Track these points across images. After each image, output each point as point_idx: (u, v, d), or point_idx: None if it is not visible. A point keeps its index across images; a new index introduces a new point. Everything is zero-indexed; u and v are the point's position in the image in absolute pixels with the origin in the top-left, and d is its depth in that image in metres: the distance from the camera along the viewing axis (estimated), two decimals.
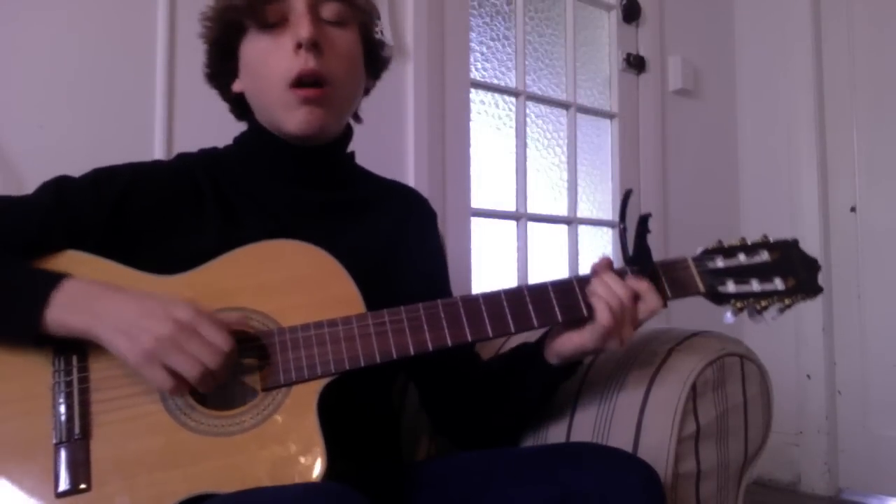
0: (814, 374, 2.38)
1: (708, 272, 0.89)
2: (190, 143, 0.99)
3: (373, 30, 0.98)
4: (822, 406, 2.35)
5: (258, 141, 0.96)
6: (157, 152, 1.40)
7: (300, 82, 0.88)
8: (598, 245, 2.32)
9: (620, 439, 0.93)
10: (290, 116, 0.90)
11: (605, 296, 0.83)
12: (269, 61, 0.89)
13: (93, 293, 0.75)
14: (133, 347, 0.72)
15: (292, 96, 0.88)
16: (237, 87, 0.96)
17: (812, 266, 0.91)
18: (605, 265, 0.87)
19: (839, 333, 2.39)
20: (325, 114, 0.91)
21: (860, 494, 2.29)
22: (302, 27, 0.87)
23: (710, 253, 0.90)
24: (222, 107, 1.01)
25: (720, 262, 0.89)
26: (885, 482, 2.25)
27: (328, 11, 0.90)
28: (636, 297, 0.84)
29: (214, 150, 0.99)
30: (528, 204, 2.10)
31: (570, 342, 0.87)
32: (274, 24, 0.89)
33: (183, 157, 0.97)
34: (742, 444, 0.98)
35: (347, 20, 0.92)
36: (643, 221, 0.88)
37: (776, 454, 2.35)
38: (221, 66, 0.96)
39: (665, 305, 0.88)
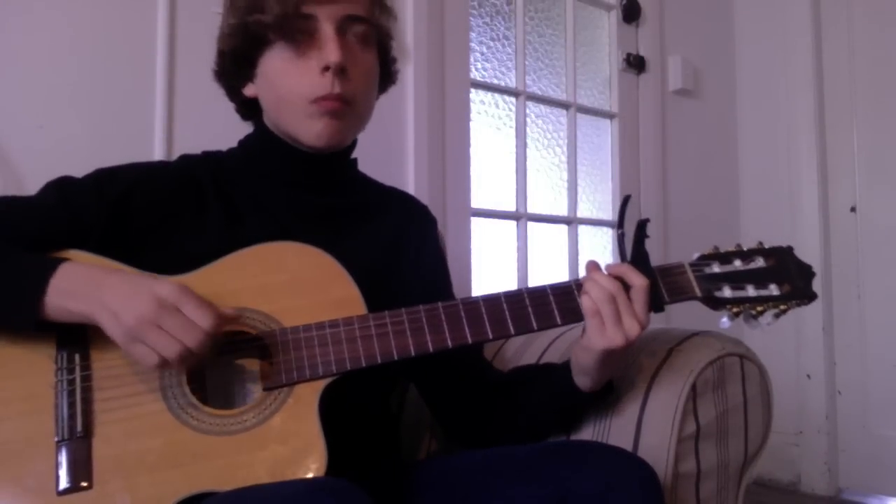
0: (814, 374, 2.38)
1: (704, 277, 0.89)
2: (190, 143, 0.99)
3: (390, 49, 0.99)
4: (822, 406, 2.35)
5: (265, 144, 0.96)
6: (157, 152, 1.40)
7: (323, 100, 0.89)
8: (598, 245, 2.32)
9: (620, 439, 0.93)
10: (310, 127, 0.90)
11: (588, 288, 0.84)
12: (293, 77, 0.89)
13: (91, 275, 0.76)
14: (117, 326, 0.72)
15: (314, 108, 0.88)
16: (249, 91, 0.95)
17: (807, 272, 0.92)
18: (591, 267, 0.87)
19: (839, 333, 2.39)
20: (344, 126, 0.91)
21: (860, 494, 2.29)
22: (331, 51, 0.86)
23: (706, 258, 0.91)
24: (223, 107, 1.00)
25: (716, 268, 0.90)
26: (885, 482, 2.26)
27: (354, 31, 0.90)
28: (626, 288, 0.84)
29: (218, 152, 0.99)
30: (528, 204, 2.10)
31: (579, 349, 0.87)
32: (300, 39, 0.88)
33: (186, 158, 0.97)
34: (742, 444, 0.98)
35: (371, 41, 0.93)
36: (641, 227, 0.89)
37: (776, 454, 2.35)
38: (234, 71, 0.94)
39: (662, 308, 0.88)
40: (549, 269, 2.15)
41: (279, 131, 0.94)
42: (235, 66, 0.94)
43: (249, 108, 0.97)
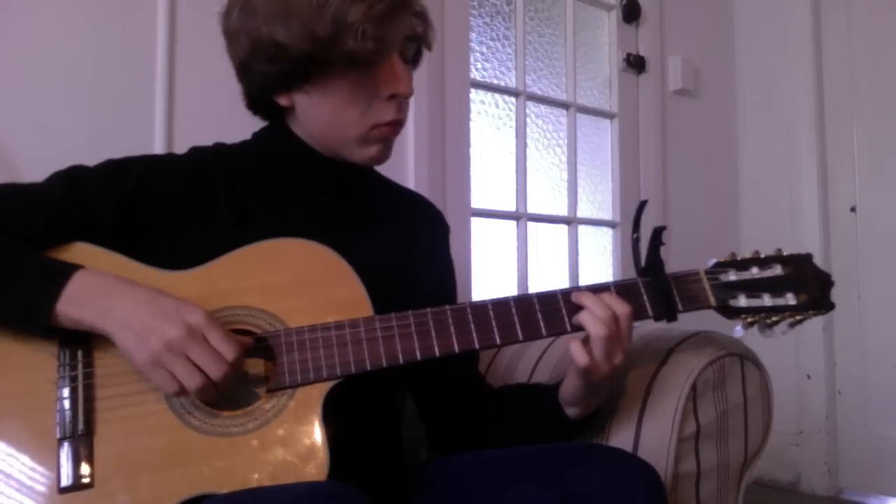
0: (814, 374, 2.38)
1: (720, 285, 0.88)
2: (190, 142, 0.98)
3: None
4: (822, 406, 2.35)
5: (284, 146, 0.93)
6: (157, 151, 1.40)
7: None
8: (598, 245, 2.32)
9: (621, 439, 0.93)
10: (364, 150, 0.91)
11: (591, 305, 0.83)
12: (359, 105, 0.87)
13: (105, 287, 0.75)
14: (141, 348, 0.72)
15: (374, 133, 0.89)
16: (284, 101, 0.89)
17: (825, 282, 0.90)
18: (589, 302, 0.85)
19: (839, 333, 2.39)
20: (392, 146, 0.93)
21: (860, 494, 2.29)
22: (404, 83, 0.87)
23: (722, 266, 0.89)
24: (222, 106, 1.00)
25: (732, 276, 0.88)
26: (885, 482, 2.26)
27: (409, 50, 0.90)
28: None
29: (230, 146, 0.97)
30: (528, 204, 2.10)
31: (568, 381, 0.88)
32: (372, 66, 0.86)
33: (197, 152, 0.94)
34: (742, 444, 0.98)
35: (417, 60, 0.93)
36: (657, 234, 0.88)
37: (776, 454, 2.35)
38: (273, 84, 0.88)
39: (675, 318, 0.87)
40: (549, 270, 2.15)
41: (313, 141, 0.91)
42: (277, 82, 0.87)
43: (267, 108, 0.93)
